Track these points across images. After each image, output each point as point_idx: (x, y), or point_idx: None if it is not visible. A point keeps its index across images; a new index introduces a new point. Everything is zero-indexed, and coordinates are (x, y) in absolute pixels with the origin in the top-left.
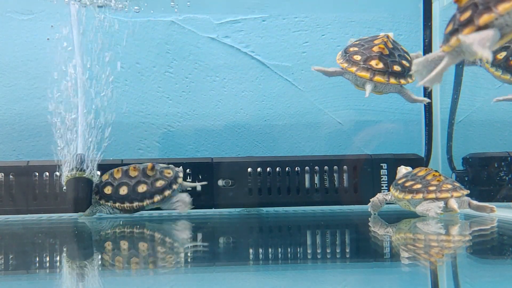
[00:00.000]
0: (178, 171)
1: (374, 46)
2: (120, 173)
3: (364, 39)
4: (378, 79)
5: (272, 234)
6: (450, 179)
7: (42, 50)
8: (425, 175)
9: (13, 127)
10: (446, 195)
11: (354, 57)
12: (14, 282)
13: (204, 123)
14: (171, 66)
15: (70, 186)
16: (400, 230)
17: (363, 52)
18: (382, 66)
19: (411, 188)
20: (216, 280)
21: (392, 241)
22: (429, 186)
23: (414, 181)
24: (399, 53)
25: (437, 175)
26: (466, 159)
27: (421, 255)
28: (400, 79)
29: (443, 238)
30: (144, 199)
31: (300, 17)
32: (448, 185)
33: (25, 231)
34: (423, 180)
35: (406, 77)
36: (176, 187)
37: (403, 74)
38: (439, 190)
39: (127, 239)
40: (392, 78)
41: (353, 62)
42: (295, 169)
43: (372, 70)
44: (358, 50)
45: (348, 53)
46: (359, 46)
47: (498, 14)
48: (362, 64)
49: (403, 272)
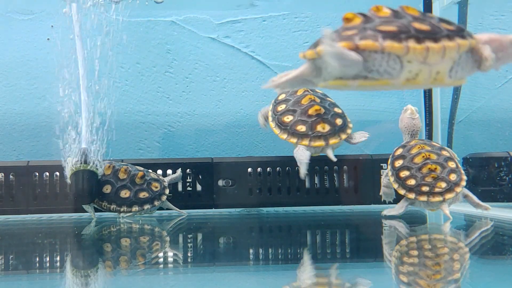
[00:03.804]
0: (165, 187)
1: (309, 109)
2: (110, 170)
3: (287, 93)
4: (333, 142)
5: (272, 234)
6: (448, 167)
7: (42, 50)
8: (421, 165)
9: (13, 127)
10: (438, 199)
11: (298, 128)
12: (14, 282)
13: (204, 123)
14: (171, 66)
15: (74, 179)
16: (399, 229)
17: (302, 120)
18: (329, 127)
19: (405, 183)
20: (216, 280)
21: (391, 241)
22: (422, 185)
23: (409, 171)
24: (328, 103)
25: (433, 168)
26: (466, 159)
27: (421, 255)
28: (346, 129)
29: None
30: (122, 205)
31: (300, 17)
32: (442, 184)
33: (25, 231)
34: (418, 173)
35: (347, 125)
36: (157, 204)
37: (345, 124)
38: (431, 192)
39: (127, 239)
40: (342, 134)
41: (301, 134)
42: (295, 169)
43: (324, 135)
44: (294, 117)
45: (280, 120)
46: (288, 106)
47: (381, 49)
48: (311, 133)
49: (403, 272)
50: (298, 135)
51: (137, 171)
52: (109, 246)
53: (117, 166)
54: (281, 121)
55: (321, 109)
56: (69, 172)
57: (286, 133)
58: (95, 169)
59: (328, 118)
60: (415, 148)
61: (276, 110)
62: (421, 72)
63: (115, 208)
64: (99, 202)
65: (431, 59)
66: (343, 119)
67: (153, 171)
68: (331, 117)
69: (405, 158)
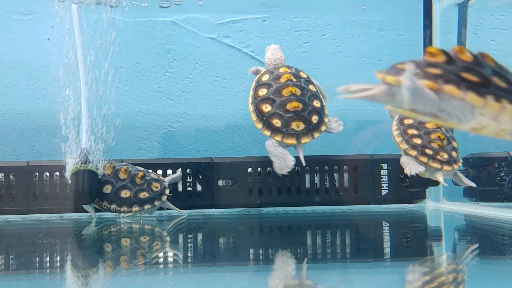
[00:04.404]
0: (165, 187)
1: (288, 103)
2: (110, 170)
3: (271, 73)
4: (305, 141)
5: (272, 234)
6: (452, 145)
7: (42, 50)
8: (431, 130)
9: (13, 127)
10: (437, 166)
11: (274, 122)
12: (14, 282)
13: (204, 123)
14: (172, 66)
15: (74, 179)
16: (399, 230)
17: (279, 113)
18: (304, 126)
19: (410, 141)
20: (216, 280)
21: (391, 241)
22: (427, 148)
23: (417, 131)
24: (309, 95)
25: (442, 137)
26: (466, 159)
27: (421, 255)
28: (321, 127)
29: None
30: (122, 205)
31: (300, 17)
32: (444, 155)
33: (25, 231)
34: (426, 136)
35: (323, 121)
36: (157, 204)
37: (320, 120)
38: (433, 157)
39: (126, 239)
40: (315, 133)
41: (275, 129)
42: (295, 169)
43: (297, 134)
44: (273, 108)
45: (259, 108)
46: (269, 93)
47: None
48: (285, 130)
49: (402, 272)
50: (272, 129)
51: (137, 171)
52: (109, 246)
53: (117, 166)
54: (259, 109)
55: (299, 106)
56: (69, 172)
57: (261, 123)
58: (95, 169)
59: (305, 116)
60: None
61: (257, 94)
62: (488, 125)
63: (115, 208)
64: (99, 202)
65: (502, 118)
66: (320, 115)
67: (153, 171)
68: (308, 114)
69: (415, 121)
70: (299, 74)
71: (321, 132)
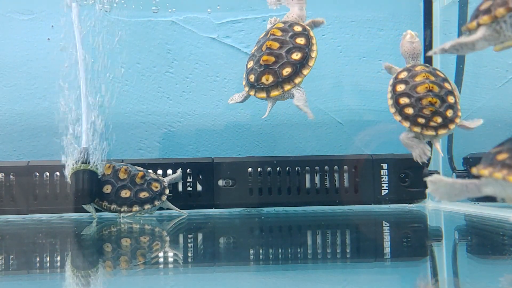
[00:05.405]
0: (165, 187)
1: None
2: (110, 170)
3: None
4: (274, 94)
5: (272, 234)
6: (447, 103)
7: (42, 50)
8: (422, 95)
9: (14, 127)
10: (431, 133)
11: (250, 77)
12: (14, 282)
13: (204, 123)
14: (172, 66)
15: (74, 179)
16: (399, 230)
17: (254, 69)
18: (272, 79)
19: (402, 111)
20: (216, 280)
21: (391, 241)
22: (419, 116)
23: (409, 99)
24: (289, 47)
25: (433, 101)
26: (466, 159)
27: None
28: (294, 79)
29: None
30: (122, 205)
31: None
32: (438, 119)
33: (25, 231)
34: (418, 103)
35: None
36: (157, 204)
37: (296, 71)
38: (426, 125)
39: (127, 239)
40: (286, 84)
41: (250, 84)
42: (296, 169)
43: (266, 87)
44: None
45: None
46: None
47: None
48: (256, 84)
49: (402, 272)
50: (249, 85)
51: (137, 171)
52: (110, 246)
53: (117, 166)
54: (246, 65)
55: (269, 59)
56: (69, 172)
57: (244, 80)
58: (95, 169)
59: (275, 69)
60: (420, 76)
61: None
62: None
63: (116, 208)
64: (99, 202)
65: None
66: (294, 68)
67: (153, 171)
68: (280, 66)
69: (408, 84)
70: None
71: (293, 86)
